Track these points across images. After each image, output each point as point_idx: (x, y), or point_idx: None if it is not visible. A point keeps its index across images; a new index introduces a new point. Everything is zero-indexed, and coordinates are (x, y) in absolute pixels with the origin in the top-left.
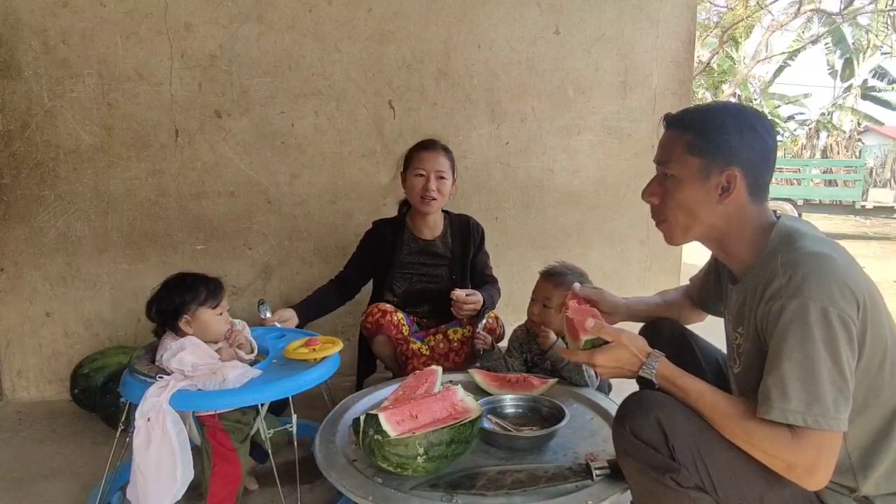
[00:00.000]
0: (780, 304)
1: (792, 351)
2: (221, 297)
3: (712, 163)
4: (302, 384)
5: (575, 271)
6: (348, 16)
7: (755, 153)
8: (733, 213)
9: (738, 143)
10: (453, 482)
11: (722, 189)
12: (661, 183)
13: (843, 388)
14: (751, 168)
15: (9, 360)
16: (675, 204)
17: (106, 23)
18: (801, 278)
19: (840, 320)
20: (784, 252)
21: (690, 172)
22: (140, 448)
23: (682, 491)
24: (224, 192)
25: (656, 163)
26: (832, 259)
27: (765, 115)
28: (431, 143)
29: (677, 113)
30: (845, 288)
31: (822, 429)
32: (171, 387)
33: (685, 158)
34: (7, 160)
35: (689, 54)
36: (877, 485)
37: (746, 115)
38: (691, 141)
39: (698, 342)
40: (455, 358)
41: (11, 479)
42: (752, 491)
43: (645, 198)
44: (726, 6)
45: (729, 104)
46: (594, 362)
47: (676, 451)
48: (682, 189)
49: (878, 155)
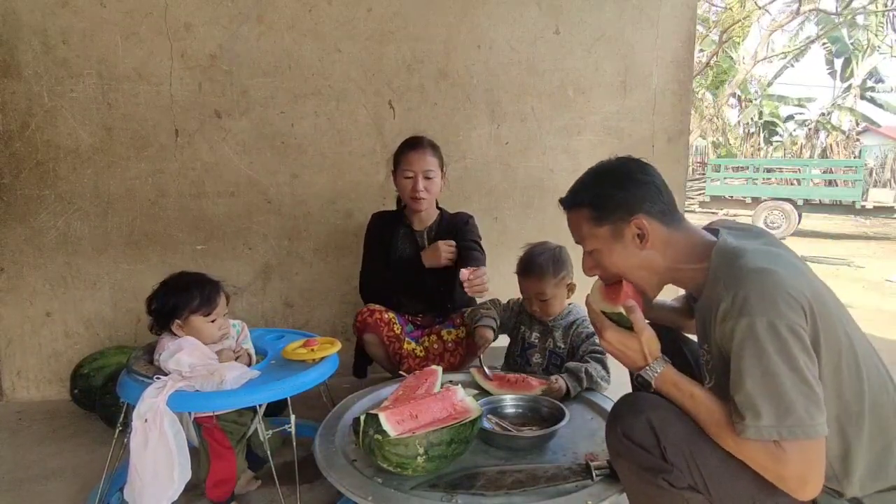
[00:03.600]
0: (731, 324)
1: (751, 368)
2: (216, 304)
3: (618, 223)
4: (300, 385)
5: (545, 251)
6: (348, 16)
7: (645, 194)
8: (665, 251)
9: (627, 195)
10: (453, 482)
11: (639, 238)
12: (590, 258)
13: (810, 395)
14: (650, 207)
15: (9, 360)
16: (613, 269)
17: (106, 23)
18: (743, 297)
19: (789, 330)
20: (725, 273)
21: (605, 240)
22: (137, 449)
23: (675, 491)
24: (224, 192)
25: (577, 243)
26: (771, 272)
27: (631, 158)
28: (418, 142)
29: (568, 195)
30: (789, 298)
31: (799, 438)
32: (169, 388)
33: (594, 231)
34: (7, 160)
35: (689, 54)
36: (862, 486)
37: (619, 169)
38: (590, 215)
39: (690, 346)
40: (450, 359)
41: (11, 479)
42: (745, 490)
43: (587, 274)
44: (723, 5)
45: (600, 167)
46: (603, 334)
47: (668, 452)
48: (609, 256)
49: (877, 155)
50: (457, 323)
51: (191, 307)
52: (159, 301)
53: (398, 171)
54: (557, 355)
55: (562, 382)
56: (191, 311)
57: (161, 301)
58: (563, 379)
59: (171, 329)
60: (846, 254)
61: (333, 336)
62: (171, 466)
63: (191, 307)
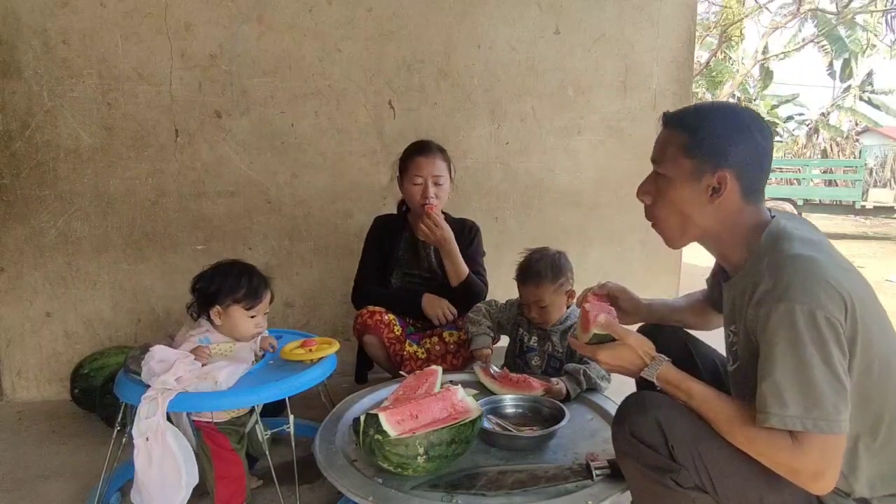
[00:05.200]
0: (767, 308)
1: (784, 356)
2: (260, 299)
3: (704, 164)
4: (299, 385)
5: (544, 258)
6: (348, 16)
7: (748, 156)
8: (725, 215)
9: (732, 145)
10: (453, 482)
11: (713, 190)
12: (654, 181)
13: (839, 390)
14: (743, 170)
15: (9, 360)
16: (665, 204)
17: (106, 23)
18: (786, 282)
19: (827, 322)
20: (770, 254)
21: (682, 173)
22: (142, 466)
23: (681, 491)
24: (224, 192)
25: (652, 161)
26: (817, 261)
27: (762, 117)
28: (427, 146)
29: (675, 112)
30: (831, 289)
31: (823, 433)
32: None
33: (678, 159)
34: (7, 160)
35: (689, 54)
36: (872, 488)
37: (742, 116)
38: (685, 142)
39: (697, 346)
40: (452, 360)
41: (11, 479)
42: (753, 491)
43: (639, 196)
44: (722, 4)
45: (726, 105)
46: (597, 357)
47: (676, 451)
48: (674, 189)
49: (878, 155)
50: (458, 325)
51: (235, 296)
52: (205, 282)
53: (406, 176)
54: (556, 358)
55: (562, 385)
56: (234, 300)
57: (207, 282)
58: (563, 381)
59: (210, 315)
60: (846, 254)
61: (334, 336)
62: (179, 474)
63: (235, 296)
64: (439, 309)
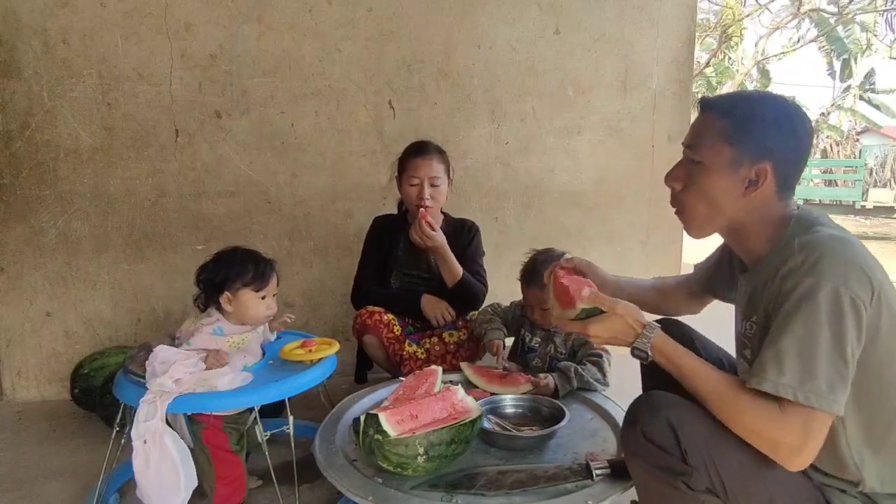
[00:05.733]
0: (794, 281)
1: (796, 326)
2: (269, 280)
3: (745, 154)
4: (298, 386)
5: (549, 258)
6: (348, 16)
7: (790, 150)
8: (757, 208)
9: (775, 137)
10: (453, 482)
11: (749, 182)
12: (686, 168)
13: (841, 370)
14: (783, 165)
15: (9, 360)
16: (697, 191)
17: (106, 23)
18: (816, 258)
19: (851, 303)
20: (801, 234)
21: (720, 161)
22: (140, 469)
23: (692, 494)
24: (224, 192)
25: (685, 146)
26: (850, 243)
27: (806, 113)
28: (424, 147)
29: (716, 96)
30: (861, 272)
31: (811, 406)
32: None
33: (717, 146)
34: (7, 160)
35: (689, 54)
36: (882, 482)
37: (788, 109)
38: (726, 128)
39: (700, 340)
40: (452, 360)
41: (11, 479)
42: (764, 494)
43: (668, 182)
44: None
45: (772, 95)
46: (588, 332)
47: (689, 453)
48: (708, 177)
49: (878, 155)
50: (458, 325)
51: (244, 279)
52: (210, 272)
53: (403, 177)
54: (558, 360)
55: (550, 380)
56: (243, 284)
57: (212, 272)
58: (552, 378)
59: (220, 302)
60: None
61: (333, 336)
62: (177, 477)
63: (244, 279)
64: (438, 310)
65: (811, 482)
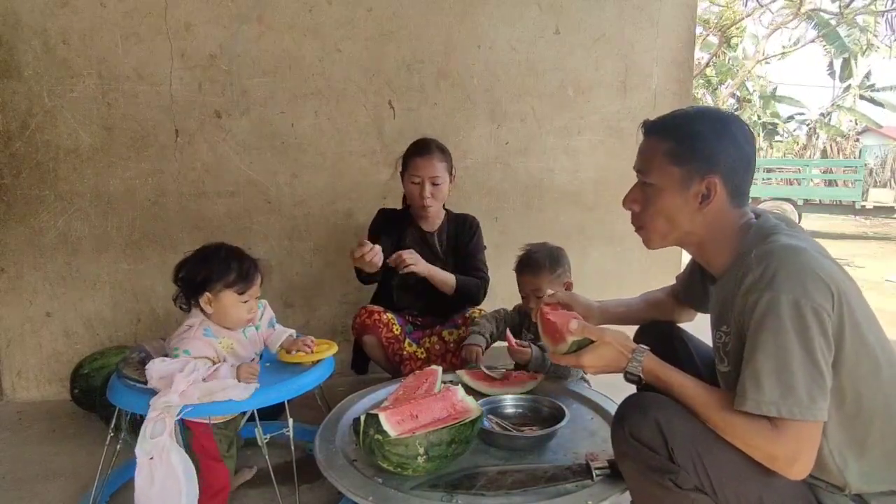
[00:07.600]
0: (755, 297)
1: (765, 343)
2: (253, 282)
3: (693, 171)
4: (297, 388)
5: (542, 249)
6: (348, 16)
7: (735, 160)
8: (713, 220)
9: (718, 150)
10: (453, 482)
11: (702, 197)
12: (641, 190)
13: (817, 379)
14: (730, 174)
15: (9, 360)
16: (654, 212)
17: (106, 23)
18: (773, 271)
19: (813, 312)
20: (757, 246)
21: (671, 181)
22: (143, 487)
23: (681, 493)
24: (224, 192)
25: (636, 170)
26: (805, 252)
27: (743, 120)
28: (426, 146)
29: (656, 120)
30: (818, 279)
31: (796, 419)
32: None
33: (665, 168)
34: (7, 160)
35: (689, 54)
36: (868, 482)
37: (726, 121)
38: (671, 149)
39: (693, 342)
40: (452, 359)
41: (11, 479)
42: (753, 492)
43: (626, 205)
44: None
45: (708, 109)
46: (581, 363)
47: (676, 452)
48: (662, 198)
49: (878, 155)
50: (458, 323)
51: (226, 280)
52: (190, 269)
53: (406, 174)
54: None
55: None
56: (225, 285)
57: (193, 269)
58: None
59: (199, 303)
60: (846, 254)
61: (333, 336)
62: (179, 495)
63: (226, 280)
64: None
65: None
